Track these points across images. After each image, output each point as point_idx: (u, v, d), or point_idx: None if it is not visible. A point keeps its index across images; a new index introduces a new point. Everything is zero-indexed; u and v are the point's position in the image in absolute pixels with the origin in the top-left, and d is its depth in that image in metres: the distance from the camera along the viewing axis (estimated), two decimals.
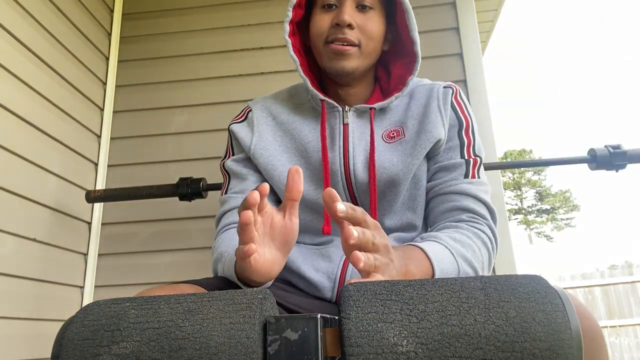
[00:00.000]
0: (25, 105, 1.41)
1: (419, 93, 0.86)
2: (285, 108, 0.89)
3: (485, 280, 0.38)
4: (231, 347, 0.36)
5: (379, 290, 0.38)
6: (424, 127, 0.81)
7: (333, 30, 0.81)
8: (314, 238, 0.86)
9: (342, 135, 0.83)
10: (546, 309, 0.34)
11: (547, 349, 0.33)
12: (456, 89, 0.87)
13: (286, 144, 0.86)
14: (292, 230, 0.63)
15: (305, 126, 0.85)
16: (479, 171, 0.82)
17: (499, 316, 0.35)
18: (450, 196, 0.80)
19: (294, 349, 0.36)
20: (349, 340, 0.35)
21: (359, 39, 0.81)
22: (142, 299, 0.40)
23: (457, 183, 0.80)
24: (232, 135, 0.90)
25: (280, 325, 0.37)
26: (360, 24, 0.80)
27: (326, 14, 0.82)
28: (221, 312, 0.38)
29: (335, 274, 0.78)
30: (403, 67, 0.86)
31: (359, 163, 0.81)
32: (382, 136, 0.83)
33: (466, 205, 0.78)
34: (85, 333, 0.38)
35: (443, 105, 0.83)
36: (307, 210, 0.84)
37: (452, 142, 0.82)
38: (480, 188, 0.80)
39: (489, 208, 0.80)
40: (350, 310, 0.36)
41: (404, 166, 0.80)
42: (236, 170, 0.87)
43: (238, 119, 0.92)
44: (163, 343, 0.36)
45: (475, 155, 0.82)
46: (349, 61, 0.80)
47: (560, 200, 23.86)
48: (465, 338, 0.34)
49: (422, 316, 0.35)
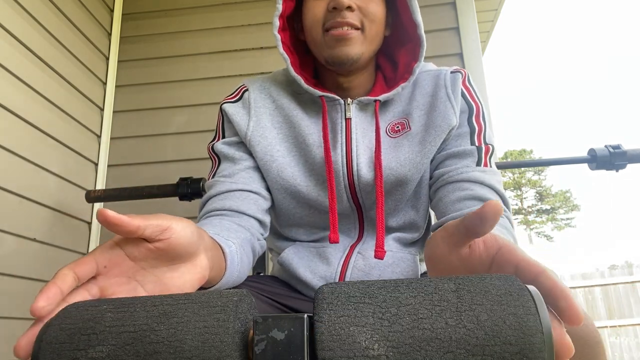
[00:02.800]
0: (25, 105, 1.41)
1: (424, 80, 0.79)
2: (285, 92, 0.81)
3: (459, 282, 0.38)
4: (205, 351, 0.35)
5: (353, 292, 0.38)
6: (432, 121, 0.75)
7: (330, 15, 0.72)
8: (310, 235, 0.82)
9: (345, 131, 0.76)
10: (517, 312, 0.34)
11: (517, 353, 0.33)
12: (465, 73, 0.81)
13: (285, 132, 0.78)
14: (169, 246, 0.46)
15: (306, 116, 0.78)
16: (490, 159, 0.74)
17: (470, 319, 0.34)
18: (462, 184, 0.71)
19: (280, 348, 0.36)
20: (321, 344, 0.35)
21: (361, 20, 0.72)
22: (119, 300, 0.40)
23: (469, 171, 0.72)
24: (225, 117, 0.81)
25: (267, 324, 0.37)
26: (360, 5, 0.72)
27: (320, 0, 0.74)
28: (196, 315, 0.37)
29: (334, 278, 0.74)
30: (407, 54, 0.78)
31: (362, 162, 0.75)
32: (386, 130, 0.77)
33: (482, 195, 0.69)
34: (63, 337, 0.38)
35: (452, 93, 0.76)
36: (305, 207, 0.79)
37: (462, 128, 0.75)
38: (494, 177, 0.72)
39: (504, 200, 0.72)
40: (322, 313, 0.36)
41: (412, 166, 0.74)
42: (228, 153, 0.78)
43: (232, 98, 0.82)
44: (138, 347, 0.36)
45: (486, 143, 0.76)
46: (353, 47, 0.72)
47: (561, 200, 23.86)
48: (436, 342, 0.34)
49: (394, 319, 0.35)
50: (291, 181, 0.76)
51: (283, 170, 0.76)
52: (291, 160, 0.77)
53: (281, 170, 0.76)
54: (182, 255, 0.47)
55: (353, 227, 0.80)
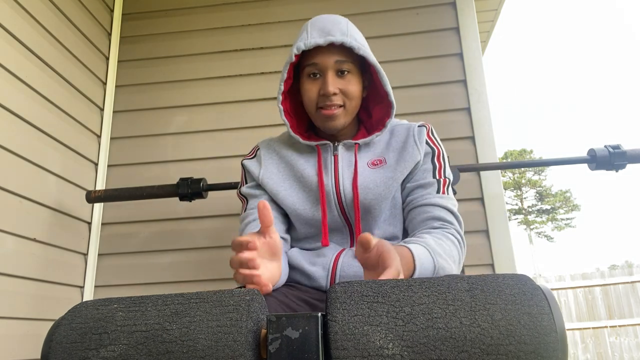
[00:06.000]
0: (25, 105, 1.41)
1: (398, 131, 1.06)
2: (286, 146, 1.10)
3: (472, 281, 0.37)
4: (218, 350, 0.35)
5: (366, 291, 0.38)
6: (402, 157, 1.02)
7: (321, 98, 0.99)
8: (312, 244, 1.05)
9: (333, 164, 1.04)
10: (532, 312, 0.34)
11: (532, 352, 0.33)
12: (429, 126, 1.07)
13: (287, 173, 1.06)
14: (274, 244, 0.78)
15: (302, 159, 1.06)
16: (447, 189, 1.02)
17: (484, 319, 0.34)
18: (425, 207, 0.99)
19: (295, 347, 0.36)
20: (335, 343, 0.35)
21: (343, 100, 1.00)
22: (129, 299, 0.40)
23: (431, 197, 0.99)
24: (245, 169, 1.11)
25: (281, 323, 0.37)
26: (342, 89, 0.99)
27: (313, 84, 1.00)
28: (208, 314, 0.37)
29: (329, 264, 0.98)
30: (381, 110, 1.06)
31: (347, 185, 1.01)
32: (368, 163, 1.03)
33: (438, 215, 0.97)
34: (74, 336, 0.37)
35: (418, 139, 1.03)
36: (307, 225, 1.03)
37: (426, 165, 1.03)
38: (449, 201, 0.99)
39: (456, 216, 0.98)
40: (336, 313, 0.36)
41: (385, 187, 1.00)
42: (250, 192, 1.07)
43: (249, 156, 1.12)
44: (150, 346, 0.36)
45: (445, 176, 1.02)
46: (337, 121, 1.00)
47: (561, 200, 23.84)
48: (451, 341, 0.34)
49: (408, 319, 0.35)
50: (292, 207, 1.02)
51: (286, 199, 1.03)
52: (292, 192, 1.04)
53: (285, 199, 1.03)
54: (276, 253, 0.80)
55: (345, 240, 1.04)
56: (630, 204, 50.95)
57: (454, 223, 0.97)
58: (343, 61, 0.99)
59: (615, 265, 24.23)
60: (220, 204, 1.75)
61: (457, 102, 1.77)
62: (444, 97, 1.78)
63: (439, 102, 1.77)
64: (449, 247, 0.91)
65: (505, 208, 1.67)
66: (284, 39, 1.90)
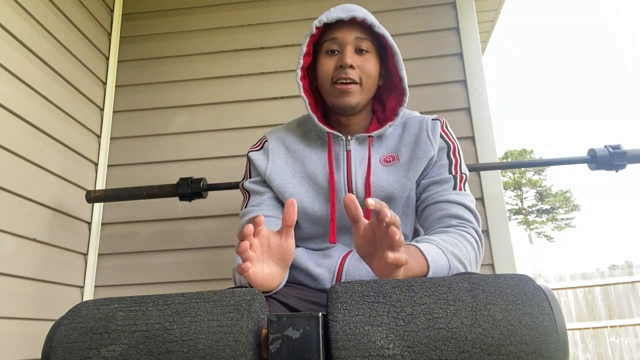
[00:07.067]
0: (25, 105, 1.41)
1: (411, 124, 1.02)
2: (296, 138, 1.05)
3: (473, 281, 0.37)
4: (219, 350, 0.35)
5: (367, 291, 0.38)
6: (415, 154, 0.98)
7: (337, 71, 0.96)
8: (319, 245, 1.01)
9: (346, 160, 1.00)
10: (533, 312, 0.34)
11: (533, 352, 0.33)
12: (443, 120, 1.03)
13: (296, 170, 1.01)
14: (287, 249, 0.76)
15: (313, 154, 1.02)
16: (464, 185, 0.98)
17: (485, 319, 0.34)
18: (441, 204, 0.95)
19: (296, 347, 0.36)
20: (336, 343, 0.35)
21: (360, 76, 0.96)
22: (130, 299, 0.40)
23: (447, 194, 0.95)
24: (250, 162, 1.06)
25: (282, 323, 0.37)
26: (359, 65, 0.96)
27: (330, 59, 0.98)
28: (209, 314, 0.37)
29: (335, 267, 0.94)
30: (394, 100, 1.02)
31: (359, 183, 0.98)
32: (380, 160, 1.00)
33: (455, 213, 0.93)
34: (74, 336, 0.37)
35: (432, 134, 0.99)
36: (314, 225, 0.99)
37: (442, 161, 0.99)
38: (466, 198, 0.95)
39: (474, 214, 0.94)
40: (337, 313, 0.36)
41: (399, 185, 0.97)
42: (254, 188, 1.03)
43: (256, 147, 1.07)
44: (151, 346, 0.36)
45: (461, 172, 0.98)
46: (352, 97, 0.96)
47: (561, 200, 23.84)
48: (452, 341, 0.34)
49: (409, 319, 0.35)
50: (300, 205, 0.98)
51: (294, 197, 0.96)
52: (300, 189, 0.99)
53: (293, 197, 0.94)
54: (286, 259, 0.78)
55: (353, 241, 0.98)
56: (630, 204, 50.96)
57: (472, 221, 0.93)
58: (363, 38, 0.97)
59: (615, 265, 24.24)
60: (220, 204, 1.75)
61: (457, 102, 1.77)
62: (444, 97, 1.78)
63: (439, 102, 1.77)
64: (464, 248, 0.88)
65: (505, 208, 1.67)
66: (284, 39, 1.90)
